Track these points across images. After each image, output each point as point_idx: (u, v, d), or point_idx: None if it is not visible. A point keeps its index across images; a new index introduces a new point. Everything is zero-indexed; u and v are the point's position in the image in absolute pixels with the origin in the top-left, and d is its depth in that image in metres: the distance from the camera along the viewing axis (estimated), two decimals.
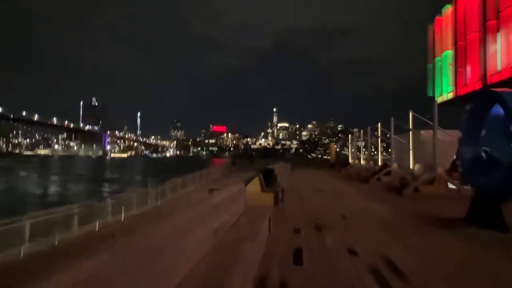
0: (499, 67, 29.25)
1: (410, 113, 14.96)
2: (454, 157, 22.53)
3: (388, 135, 21.90)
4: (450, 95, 36.14)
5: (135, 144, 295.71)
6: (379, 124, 20.45)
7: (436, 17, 41.54)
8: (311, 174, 24.82)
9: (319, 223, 6.64)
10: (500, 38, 28.83)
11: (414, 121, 16.09)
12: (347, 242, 5.31)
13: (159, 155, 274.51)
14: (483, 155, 7.00)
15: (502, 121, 6.82)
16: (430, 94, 43.65)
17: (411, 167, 14.04)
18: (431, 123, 11.79)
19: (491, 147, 6.73)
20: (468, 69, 34.50)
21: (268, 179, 9.58)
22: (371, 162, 23.31)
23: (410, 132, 14.47)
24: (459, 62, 36.70)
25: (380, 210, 8.62)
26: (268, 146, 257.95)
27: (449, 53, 38.50)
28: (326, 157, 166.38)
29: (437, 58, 41.49)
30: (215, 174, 19.74)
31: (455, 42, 37.28)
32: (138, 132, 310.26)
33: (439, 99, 39.93)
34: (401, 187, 13.39)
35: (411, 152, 14.19)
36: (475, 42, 32.93)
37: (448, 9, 38.62)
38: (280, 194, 9.30)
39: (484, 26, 31.02)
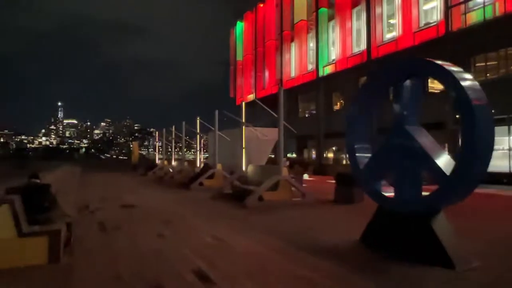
0: (293, 74, 32.30)
1: (243, 105, 12.80)
2: (273, 156, 22.64)
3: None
4: (251, 97, 37.93)
5: None
6: (198, 119, 17.68)
7: (238, 21, 43.21)
8: (110, 180, 19.57)
9: None
10: (294, 47, 31.83)
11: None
12: None
13: None
14: (398, 155, 4.88)
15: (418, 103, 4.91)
16: (232, 95, 45.28)
17: (243, 168, 11.83)
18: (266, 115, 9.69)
19: (413, 143, 4.65)
20: (266, 73, 37.05)
21: (36, 204, 4.82)
22: (186, 163, 20.35)
23: (243, 127, 12.27)
24: (258, 67, 39.10)
25: (243, 243, 5.49)
26: (51, 146, 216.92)
27: (249, 57, 40.60)
28: (122, 157, 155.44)
29: (238, 61, 43.26)
30: None
31: (255, 48, 39.55)
32: None
33: (241, 100, 41.66)
34: (234, 194, 10.91)
35: (243, 151, 12.02)
36: (272, 49, 35.57)
37: (249, 16, 40.64)
38: (64, 233, 4.71)
39: (281, 35, 33.73)
